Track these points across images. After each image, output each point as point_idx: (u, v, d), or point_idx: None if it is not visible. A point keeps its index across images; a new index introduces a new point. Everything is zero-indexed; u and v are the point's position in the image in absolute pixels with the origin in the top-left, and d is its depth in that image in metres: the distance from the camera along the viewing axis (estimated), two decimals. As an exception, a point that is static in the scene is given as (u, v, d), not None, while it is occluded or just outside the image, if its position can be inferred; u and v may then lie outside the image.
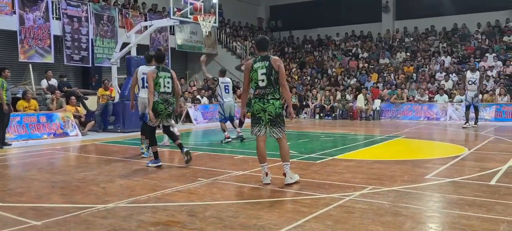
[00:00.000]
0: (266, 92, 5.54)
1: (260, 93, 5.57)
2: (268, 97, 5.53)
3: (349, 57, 23.31)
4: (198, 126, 15.58)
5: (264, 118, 5.60)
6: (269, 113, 5.54)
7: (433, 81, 18.91)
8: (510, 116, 15.55)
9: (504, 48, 19.84)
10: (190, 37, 20.59)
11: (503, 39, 20.47)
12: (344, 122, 16.76)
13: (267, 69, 5.50)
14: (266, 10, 28.88)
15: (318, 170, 6.69)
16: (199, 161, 7.78)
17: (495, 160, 7.46)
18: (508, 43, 20.12)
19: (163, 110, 7.05)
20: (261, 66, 5.54)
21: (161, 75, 6.95)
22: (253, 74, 5.58)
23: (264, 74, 5.51)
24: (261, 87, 5.55)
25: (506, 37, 20.42)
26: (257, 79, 5.55)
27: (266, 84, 5.53)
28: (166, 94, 7.04)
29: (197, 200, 4.98)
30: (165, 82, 7.01)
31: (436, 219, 4.30)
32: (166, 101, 7.06)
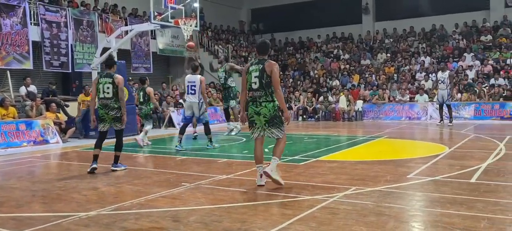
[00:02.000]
0: (258, 95, 5.62)
1: (253, 96, 5.66)
2: (260, 100, 5.61)
3: (331, 59, 23.49)
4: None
5: (258, 121, 5.69)
6: (264, 115, 5.62)
7: (413, 82, 19.17)
8: (489, 113, 15.86)
9: (481, 47, 20.24)
10: (171, 41, 20.47)
11: (480, 39, 20.89)
12: (327, 123, 16.87)
13: (260, 73, 5.58)
14: (247, 13, 28.93)
15: (301, 172, 6.71)
16: (183, 165, 7.74)
17: (475, 158, 7.59)
18: (485, 42, 20.53)
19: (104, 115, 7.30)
20: (255, 69, 5.65)
21: (101, 82, 7.13)
22: (248, 76, 5.70)
23: (256, 77, 5.60)
24: (253, 89, 5.64)
25: (483, 37, 20.83)
26: (250, 82, 5.66)
27: (258, 87, 5.60)
28: (105, 99, 7.24)
29: (181, 205, 4.94)
30: (104, 88, 7.20)
31: (419, 217, 4.36)
32: (106, 106, 7.25)
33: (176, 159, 8.54)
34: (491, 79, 17.73)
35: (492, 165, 6.87)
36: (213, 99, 18.25)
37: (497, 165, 6.84)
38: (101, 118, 7.29)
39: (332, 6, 25.41)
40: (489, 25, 21.48)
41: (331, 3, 25.43)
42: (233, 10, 27.93)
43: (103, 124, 7.33)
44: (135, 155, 9.36)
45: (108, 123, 7.35)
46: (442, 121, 14.35)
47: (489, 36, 20.70)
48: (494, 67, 18.45)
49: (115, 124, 7.38)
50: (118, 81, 7.21)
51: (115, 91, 7.20)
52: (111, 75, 7.26)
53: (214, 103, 18.08)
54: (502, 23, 21.11)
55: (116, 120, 7.34)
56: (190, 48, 10.47)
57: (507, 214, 4.27)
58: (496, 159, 7.39)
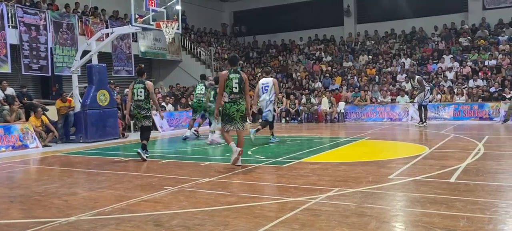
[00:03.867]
0: (239, 97, 7.35)
1: (234, 98, 7.34)
2: (239, 101, 7.35)
3: (313, 61, 23.63)
4: (164, 133, 15.38)
5: (236, 116, 7.34)
6: (241, 112, 7.39)
7: (395, 83, 19.41)
8: (468, 114, 16.15)
9: (460, 49, 20.61)
10: (153, 44, 20.34)
11: (459, 41, 21.26)
12: (309, 125, 16.96)
13: (239, 80, 7.32)
14: (230, 15, 28.92)
15: (284, 174, 6.73)
16: (165, 169, 7.69)
17: (455, 158, 7.71)
18: (463, 44, 20.90)
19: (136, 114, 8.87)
20: (235, 77, 7.32)
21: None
22: (229, 82, 7.30)
23: (237, 83, 7.30)
24: (235, 93, 7.32)
25: (462, 39, 21.21)
26: (232, 87, 7.30)
27: (238, 91, 7.32)
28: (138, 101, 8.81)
29: (163, 209, 4.91)
30: (138, 92, 8.70)
31: (400, 217, 4.41)
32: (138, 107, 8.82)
33: (159, 162, 8.47)
34: (469, 80, 18.05)
35: (471, 164, 6.99)
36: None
37: (476, 165, 6.96)
38: (134, 116, 8.96)
39: (314, 8, 25.57)
40: (467, 27, 21.89)
41: (313, 5, 25.59)
42: (215, 12, 27.90)
43: (137, 121, 9.10)
44: (117, 159, 9.25)
45: (140, 120, 8.88)
46: (422, 121, 14.57)
47: (468, 38, 21.08)
48: (472, 69, 18.79)
49: (144, 121, 8.87)
50: (148, 86, 8.80)
51: (146, 94, 8.77)
52: (143, 81, 8.84)
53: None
54: (480, 25, 21.53)
55: (145, 118, 8.86)
56: None
57: (486, 213, 4.35)
58: (475, 159, 7.52)
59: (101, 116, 12.99)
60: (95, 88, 12.98)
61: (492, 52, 19.36)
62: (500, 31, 20.86)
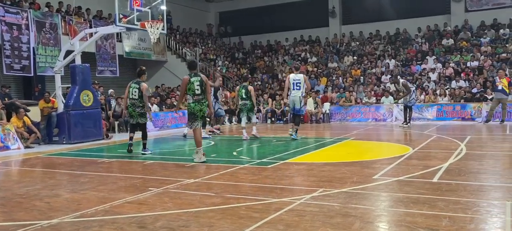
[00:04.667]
0: (201, 98, 8.14)
1: (197, 99, 8.14)
2: (202, 101, 8.19)
3: (299, 61, 23.69)
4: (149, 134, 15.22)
5: (199, 115, 8.18)
6: (203, 111, 8.24)
7: (379, 84, 19.58)
8: (451, 115, 16.37)
9: (443, 51, 20.89)
10: (138, 44, 20.20)
11: (441, 42, 21.55)
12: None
13: (200, 83, 8.10)
14: (215, 16, 28.87)
15: (269, 175, 6.73)
16: (150, 170, 7.63)
17: (437, 158, 7.81)
18: (446, 46, 21.19)
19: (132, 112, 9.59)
20: (195, 80, 8.10)
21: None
22: (191, 85, 8.09)
23: (198, 85, 8.08)
24: (197, 94, 8.12)
25: (445, 41, 21.50)
26: (194, 89, 8.08)
27: (200, 92, 8.11)
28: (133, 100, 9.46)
29: (147, 210, 4.87)
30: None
31: (384, 217, 4.44)
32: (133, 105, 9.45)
33: (144, 163, 8.41)
34: (452, 81, 18.31)
35: (453, 164, 7.08)
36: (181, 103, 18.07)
37: (458, 165, 7.06)
38: (130, 114, 9.57)
39: (300, 9, 25.67)
40: (450, 29, 22.21)
41: (298, 6, 25.69)
42: (201, 13, 27.82)
43: (132, 118, 9.63)
44: (100, 160, 9.15)
45: (135, 118, 9.55)
46: (406, 122, 14.73)
47: (451, 40, 21.38)
48: (455, 70, 19.06)
49: (140, 119, 9.58)
50: (142, 88, 9.38)
51: (140, 94, 9.40)
52: (140, 82, 9.46)
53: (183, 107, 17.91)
54: (463, 27, 21.86)
55: (141, 115, 9.53)
56: None
57: (467, 212, 4.41)
58: (457, 159, 7.62)
59: (84, 116, 12.84)
60: (78, 89, 12.83)
61: (474, 54, 19.68)
62: (482, 33, 21.21)
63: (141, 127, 9.73)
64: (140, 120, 9.59)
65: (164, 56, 22.02)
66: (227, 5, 27.95)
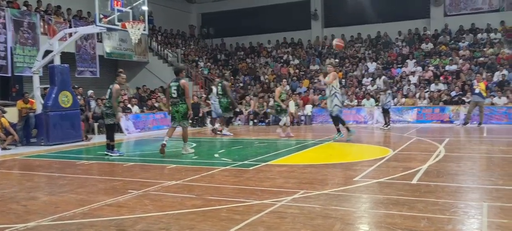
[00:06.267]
0: (177, 101, 9.32)
1: (173, 101, 9.38)
2: (178, 103, 9.28)
3: (281, 64, 23.79)
4: (130, 135, 15.11)
5: (177, 116, 9.34)
6: (180, 112, 9.30)
7: (361, 87, 19.76)
8: (430, 117, 16.61)
9: (423, 54, 21.21)
10: (119, 45, 19.97)
11: (421, 46, 21.88)
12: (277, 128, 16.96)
13: (177, 87, 9.25)
14: (197, 17, 28.77)
15: (251, 177, 6.72)
16: (130, 172, 7.55)
17: (417, 159, 7.91)
18: (426, 50, 21.52)
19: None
20: (173, 85, 9.32)
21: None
22: (169, 89, 9.41)
23: (175, 90, 9.27)
24: (173, 97, 9.34)
25: (424, 45, 21.84)
26: (171, 93, 9.36)
27: (176, 96, 9.28)
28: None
29: (127, 213, 4.81)
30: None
31: (364, 219, 4.48)
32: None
33: (123, 165, 8.31)
34: (431, 84, 18.59)
35: (432, 166, 7.18)
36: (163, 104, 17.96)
37: (437, 167, 7.16)
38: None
39: (282, 12, 25.77)
40: (429, 33, 22.56)
41: (280, 9, 25.77)
42: (183, 14, 27.69)
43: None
44: (79, 162, 9.01)
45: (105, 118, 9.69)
46: (386, 124, 14.86)
47: (430, 44, 21.72)
48: (434, 73, 19.35)
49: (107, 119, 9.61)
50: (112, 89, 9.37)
51: (110, 94, 9.43)
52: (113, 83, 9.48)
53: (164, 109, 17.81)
54: (442, 31, 22.23)
55: (107, 116, 9.54)
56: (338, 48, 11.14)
57: (445, 213, 4.48)
58: (436, 161, 7.73)
59: (63, 118, 12.64)
60: (57, 90, 12.62)
61: (453, 58, 20.02)
62: (461, 37, 21.61)
63: (106, 127, 9.89)
64: (106, 120, 9.65)
65: (146, 57, 21.82)
66: (209, 7, 27.88)
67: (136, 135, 15.22)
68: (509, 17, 21.24)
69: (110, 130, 9.70)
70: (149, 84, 20.73)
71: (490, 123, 15.24)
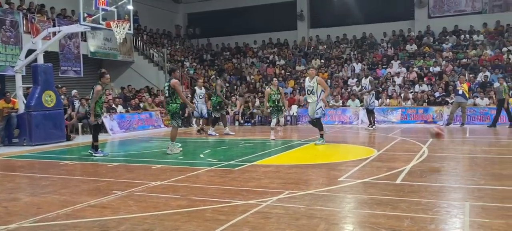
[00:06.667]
0: (167, 100, 9.62)
1: (165, 101, 9.79)
2: (169, 102, 9.55)
3: (267, 64, 23.82)
4: (115, 136, 14.97)
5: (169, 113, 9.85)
6: (170, 111, 9.67)
7: (346, 87, 19.89)
8: (414, 118, 16.80)
9: (407, 56, 21.43)
10: (104, 44, 19.78)
11: (406, 47, 22.11)
12: (263, 128, 17.03)
13: (169, 87, 9.51)
14: (184, 17, 28.65)
15: (236, 177, 6.71)
16: (114, 173, 7.48)
17: (401, 160, 7.99)
18: (410, 51, 21.76)
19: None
20: (166, 85, 9.64)
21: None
22: (164, 89, 9.69)
23: (167, 90, 9.56)
24: (166, 97, 9.70)
25: (409, 46, 22.07)
26: (165, 92, 9.66)
27: (167, 95, 9.58)
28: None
29: (110, 214, 4.76)
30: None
31: (348, 219, 4.50)
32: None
33: (108, 166, 8.23)
34: (416, 85, 18.80)
35: (416, 166, 7.25)
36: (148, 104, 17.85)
37: (420, 167, 7.23)
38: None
39: (268, 12, 25.81)
40: (413, 34, 22.81)
41: (267, 9, 25.81)
42: (169, 13, 27.55)
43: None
44: (62, 162, 8.90)
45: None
46: (371, 125, 14.98)
47: (414, 45, 21.96)
48: (418, 74, 19.58)
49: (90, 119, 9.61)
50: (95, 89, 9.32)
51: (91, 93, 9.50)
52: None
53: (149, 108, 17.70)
54: (426, 32, 22.50)
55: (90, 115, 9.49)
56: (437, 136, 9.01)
57: (428, 212, 4.53)
58: (420, 161, 7.82)
59: (46, 117, 12.47)
60: (40, 89, 12.45)
61: (436, 59, 20.27)
62: (444, 39, 21.89)
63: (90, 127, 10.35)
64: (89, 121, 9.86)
65: (131, 56, 21.65)
66: (195, 7, 27.78)
67: (121, 135, 15.09)
68: (491, 19, 21.61)
69: (95, 130, 9.59)
70: (134, 84, 20.57)
71: (472, 124, 15.47)
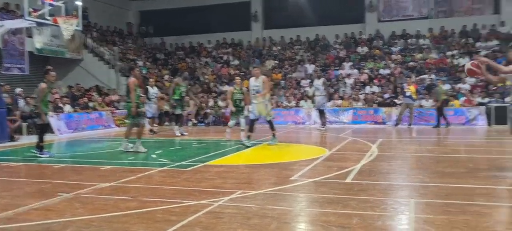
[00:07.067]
0: (125, 99, 9.94)
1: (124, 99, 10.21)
2: (126, 101, 9.81)
3: (221, 64, 23.75)
4: (62, 136, 14.40)
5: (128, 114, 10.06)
6: (127, 110, 9.79)
7: (299, 88, 20.17)
8: (365, 118, 17.27)
9: (358, 58, 22.02)
10: (51, 41, 18.98)
11: (357, 49, 22.71)
12: (217, 128, 16.96)
13: (126, 87, 9.75)
14: (136, 15, 28.02)
15: (188, 177, 6.63)
16: (61, 174, 7.20)
17: (351, 159, 8.18)
18: (361, 53, 22.37)
19: None
20: (125, 84, 10.03)
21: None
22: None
23: (126, 89, 9.78)
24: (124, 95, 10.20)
25: (360, 48, 22.69)
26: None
27: (125, 94, 10.15)
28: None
29: (55, 217, 4.57)
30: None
31: (300, 218, 4.56)
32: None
33: (54, 167, 7.90)
34: (366, 87, 19.34)
35: (365, 165, 7.46)
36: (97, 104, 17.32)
37: (369, 166, 7.44)
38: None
39: (223, 12, 25.73)
40: (365, 37, 23.47)
41: (221, 9, 25.72)
42: (120, 10, 26.87)
43: None
44: (4, 164, 8.46)
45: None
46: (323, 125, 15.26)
47: (365, 48, 22.60)
48: (369, 76, 20.16)
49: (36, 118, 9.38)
50: (39, 87, 9.08)
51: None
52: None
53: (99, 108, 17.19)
54: (376, 36, 23.22)
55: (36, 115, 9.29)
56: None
57: (376, 210, 4.66)
58: (369, 160, 8.04)
59: (-12, 117, 11.83)
60: (-19, 87, 11.79)
61: (386, 62, 20.95)
62: (393, 42, 22.67)
63: (35, 127, 9.88)
64: (36, 120, 9.50)
65: (80, 54, 20.92)
66: (148, 5, 27.26)
67: (69, 136, 14.54)
68: (437, 24, 22.62)
69: (41, 130, 9.20)
70: (84, 82, 19.89)
71: (419, 124, 16.10)
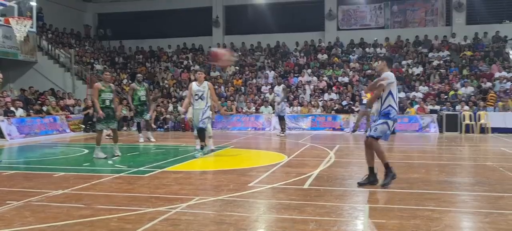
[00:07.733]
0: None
1: None
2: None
3: (181, 69, 23.54)
4: (13, 141, 13.83)
5: None
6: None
7: (260, 94, 20.27)
8: (323, 125, 17.56)
9: (317, 65, 22.39)
10: (3, 42, 18.26)
11: (317, 57, 23.10)
12: (176, 134, 16.79)
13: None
14: (94, 17, 27.35)
15: (146, 184, 6.52)
16: (10, 181, 6.90)
17: (309, 165, 8.29)
18: (321, 61, 22.76)
19: None
20: None
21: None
22: None
23: None
24: None
25: (320, 56, 23.08)
26: None
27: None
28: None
29: (3, 227, 4.37)
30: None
31: (257, 224, 4.57)
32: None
33: (2, 174, 7.57)
34: (325, 94, 19.68)
35: (323, 171, 7.58)
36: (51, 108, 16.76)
37: (327, 172, 7.57)
38: None
39: (183, 17, 25.55)
40: (324, 45, 23.91)
41: (182, 14, 25.54)
42: (77, 12, 26.15)
43: None
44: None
45: None
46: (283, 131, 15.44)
47: (325, 55, 23.01)
48: (328, 83, 20.52)
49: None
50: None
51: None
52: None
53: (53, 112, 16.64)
54: (335, 44, 23.69)
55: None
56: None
57: (332, 215, 4.74)
58: (327, 166, 8.18)
59: None
60: None
61: (344, 69, 21.41)
62: (351, 50, 23.21)
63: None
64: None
65: (34, 56, 20.21)
66: (106, 7, 26.67)
67: (21, 141, 13.98)
68: (393, 34, 23.35)
69: None
70: (38, 85, 19.20)
71: (375, 131, 16.49)
